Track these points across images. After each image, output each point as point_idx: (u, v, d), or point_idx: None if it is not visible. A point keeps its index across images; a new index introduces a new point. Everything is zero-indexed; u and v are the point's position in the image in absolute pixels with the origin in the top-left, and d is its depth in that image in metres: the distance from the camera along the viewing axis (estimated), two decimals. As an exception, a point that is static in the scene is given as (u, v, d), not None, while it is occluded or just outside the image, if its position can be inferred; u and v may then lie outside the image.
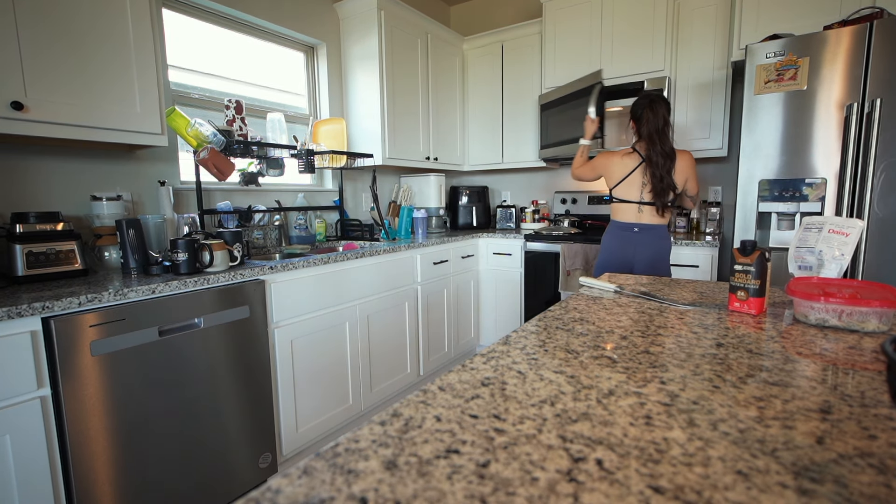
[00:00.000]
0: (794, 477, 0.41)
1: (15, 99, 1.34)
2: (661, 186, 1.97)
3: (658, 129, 1.96)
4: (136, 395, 1.39)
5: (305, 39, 2.71)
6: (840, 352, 0.73)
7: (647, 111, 1.97)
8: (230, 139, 2.03)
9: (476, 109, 3.43)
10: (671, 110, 2.02)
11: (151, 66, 1.66)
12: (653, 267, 2.03)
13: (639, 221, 2.05)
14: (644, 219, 2.04)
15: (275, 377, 1.81)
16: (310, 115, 2.83)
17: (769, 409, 0.54)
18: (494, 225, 3.61)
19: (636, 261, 2.05)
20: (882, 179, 1.80)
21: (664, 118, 1.96)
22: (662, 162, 1.95)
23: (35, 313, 1.17)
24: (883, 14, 1.83)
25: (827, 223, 1.05)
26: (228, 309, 1.61)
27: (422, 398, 0.58)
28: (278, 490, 0.40)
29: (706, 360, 0.70)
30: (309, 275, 1.91)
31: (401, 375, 2.48)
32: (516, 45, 3.18)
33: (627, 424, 0.51)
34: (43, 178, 1.68)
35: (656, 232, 2.04)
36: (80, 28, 1.48)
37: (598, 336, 0.83)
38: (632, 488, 0.39)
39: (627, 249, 2.06)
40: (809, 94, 1.90)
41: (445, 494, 0.39)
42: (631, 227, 2.06)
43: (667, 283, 1.31)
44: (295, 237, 2.54)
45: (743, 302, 0.96)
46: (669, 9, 2.58)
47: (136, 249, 1.62)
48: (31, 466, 1.20)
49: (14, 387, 1.16)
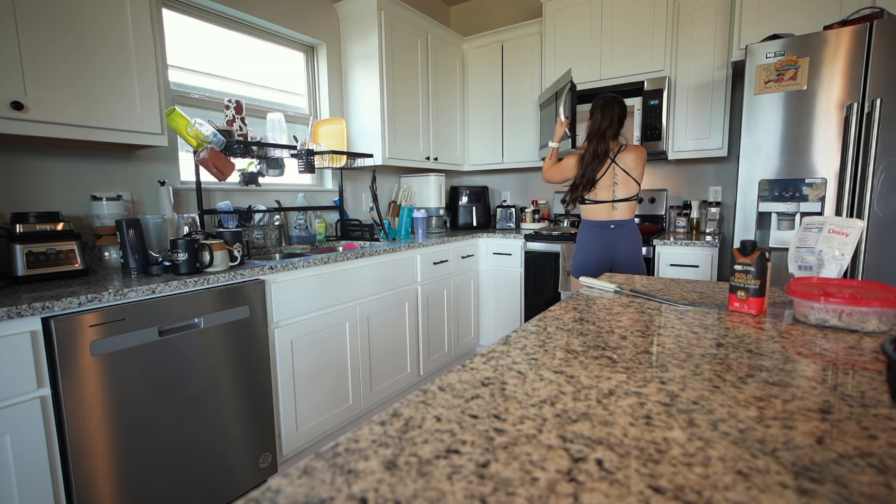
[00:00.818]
0: (794, 477, 0.41)
1: (15, 99, 1.34)
2: (582, 181, 2.09)
3: (600, 129, 2.06)
4: (136, 394, 1.39)
5: (305, 39, 2.71)
6: (840, 352, 0.73)
7: (598, 111, 2.07)
8: (230, 139, 2.03)
9: (476, 109, 3.43)
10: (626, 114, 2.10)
11: (151, 66, 1.66)
12: (632, 260, 2.12)
13: (612, 218, 2.13)
14: (617, 215, 2.13)
15: (275, 377, 1.81)
16: (310, 115, 2.83)
17: (769, 409, 0.54)
18: (494, 225, 3.61)
19: (617, 256, 2.13)
20: (882, 179, 1.80)
21: (611, 120, 2.04)
22: (590, 160, 2.07)
23: (35, 313, 1.17)
24: (883, 14, 1.83)
25: (827, 223, 1.05)
26: (228, 309, 1.61)
27: (422, 398, 0.58)
28: (278, 490, 0.40)
29: (706, 360, 0.70)
30: (309, 275, 1.91)
31: (401, 375, 2.48)
32: (516, 45, 3.18)
33: (627, 424, 0.51)
34: (43, 178, 1.68)
35: (630, 227, 2.13)
36: (80, 28, 1.48)
37: (598, 336, 0.83)
38: (632, 488, 0.39)
39: (607, 247, 2.15)
40: (809, 94, 1.90)
41: (445, 494, 0.39)
42: (607, 224, 2.15)
43: (667, 282, 1.31)
44: (295, 237, 2.54)
45: (743, 302, 0.96)
46: (669, 9, 2.58)
47: (136, 249, 1.62)
48: (31, 466, 1.20)
49: (14, 387, 1.16)
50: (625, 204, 2.12)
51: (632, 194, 2.11)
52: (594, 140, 2.08)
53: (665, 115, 2.59)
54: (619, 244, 2.12)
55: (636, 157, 2.08)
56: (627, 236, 2.12)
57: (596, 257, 2.16)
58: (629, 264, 2.12)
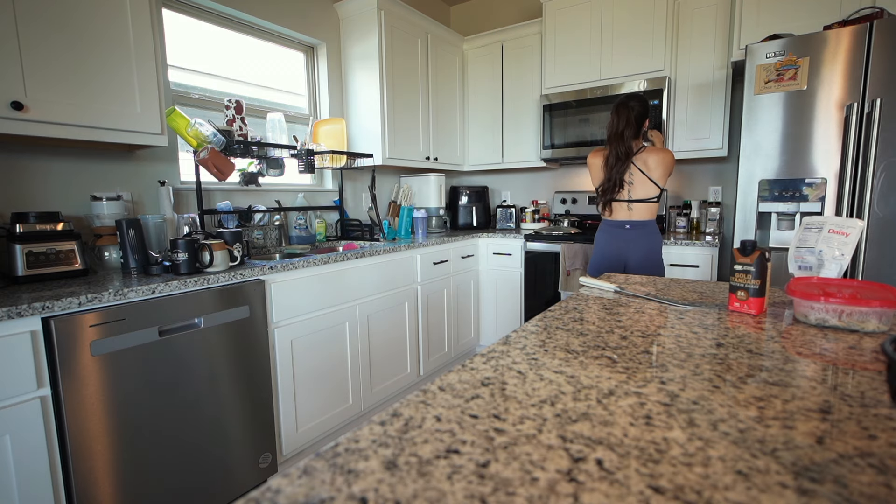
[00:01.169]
0: (794, 477, 0.41)
1: (15, 99, 1.34)
2: (608, 185, 2.08)
3: (617, 132, 2.04)
4: (136, 394, 1.39)
5: (305, 39, 2.71)
6: (840, 352, 0.73)
7: (614, 114, 2.07)
8: (230, 139, 2.03)
9: (476, 109, 3.43)
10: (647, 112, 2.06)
11: (151, 66, 1.66)
12: (646, 262, 2.08)
13: (629, 219, 2.10)
14: (634, 216, 2.09)
15: (275, 377, 1.81)
16: (310, 115, 2.83)
17: (769, 409, 0.54)
18: (494, 225, 3.61)
19: (630, 257, 2.10)
20: (882, 179, 1.80)
21: (627, 121, 2.02)
22: (613, 163, 2.05)
23: (35, 313, 1.17)
24: (883, 14, 1.83)
25: (827, 223, 1.05)
26: (228, 309, 1.61)
27: (422, 398, 0.58)
28: (278, 490, 0.40)
29: (706, 360, 0.70)
30: (309, 275, 1.91)
31: (401, 375, 2.48)
32: (516, 45, 3.18)
33: (627, 424, 0.51)
34: (43, 178, 1.68)
35: (647, 228, 2.08)
36: (79, 28, 1.48)
37: (598, 336, 0.83)
38: (632, 488, 0.39)
39: (620, 247, 2.12)
40: (809, 94, 1.90)
41: (445, 494, 0.39)
42: (622, 224, 2.12)
43: (667, 283, 1.31)
44: (295, 237, 2.54)
45: (743, 302, 0.96)
46: (669, 9, 2.58)
47: (136, 249, 1.62)
48: (31, 466, 1.20)
49: (14, 387, 1.16)
50: (642, 205, 2.07)
51: (650, 196, 2.05)
52: (613, 142, 2.05)
53: (665, 115, 2.59)
54: (633, 245, 2.08)
55: (658, 160, 2.02)
56: (642, 238, 2.07)
57: (608, 257, 2.14)
58: (642, 267, 2.07)
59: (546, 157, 3.05)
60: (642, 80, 2.63)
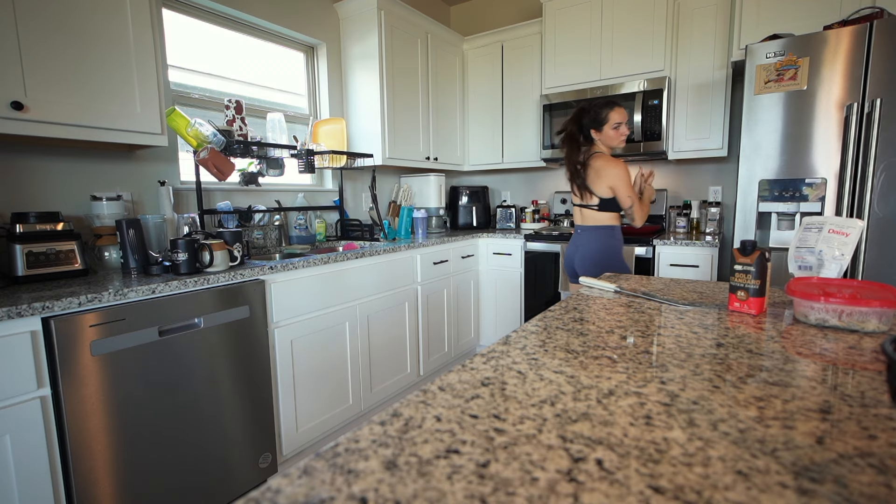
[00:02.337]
0: (794, 477, 0.41)
1: (15, 99, 1.34)
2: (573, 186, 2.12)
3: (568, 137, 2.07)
4: (136, 394, 1.39)
5: (305, 39, 2.71)
6: (840, 352, 0.73)
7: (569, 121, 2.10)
8: (230, 139, 2.03)
9: (476, 109, 3.43)
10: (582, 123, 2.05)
11: (151, 66, 1.66)
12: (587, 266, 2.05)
13: (581, 223, 2.13)
14: (587, 221, 2.09)
15: (275, 377, 1.81)
16: (310, 115, 2.83)
17: (769, 409, 0.54)
18: (494, 225, 3.61)
19: (575, 260, 2.12)
20: (882, 179, 1.80)
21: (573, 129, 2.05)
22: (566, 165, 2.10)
23: (35, 313, 1.17)
24: (883, 14, 1.83)
25: (827, 223, 1.05)
26: (228, 309, 1.61)
27: (422, 398, 0.58)
28: (278, 490, 0.40)
29: (706, 360, 0.70)
30: (309, 275, 1.91)
31: (401, 375, 2.48)
32: (516, 45, 3.18)
33: (627, 424, 0.51)
34: (43, 178, 1.68)
35: (597, 233, 2.06)
36: (79, 28, 1.48)
37: (598, 336, 0.83)
38: (632, 488, 0.39)
39: (572, 249, 2.15)
40: (809, 94, 1.90)
41: (445, 494, 0.39)
42: (576, 228, 2.17)
43: (667, 282, 1.31)
44: (295, 237, 2.54)
45: (743, 302, 0.96)
46: (669, 9, 2.58)
47: (136, 249, 1.62)
48: (31, 466, 1.20)
49: (14, 387, 1.16)
50: (588, 210, 2.07)
51: (590, 203, 2.05)
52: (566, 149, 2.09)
53: (665, 115, 2.59)
54: (579, 250, 2.10)
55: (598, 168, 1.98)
56: (586, 244, 2.07)
57: (568, 260, 2.18)
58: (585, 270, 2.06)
59: (546, 157, 3.05)
60: (642, 80, 2.63)
